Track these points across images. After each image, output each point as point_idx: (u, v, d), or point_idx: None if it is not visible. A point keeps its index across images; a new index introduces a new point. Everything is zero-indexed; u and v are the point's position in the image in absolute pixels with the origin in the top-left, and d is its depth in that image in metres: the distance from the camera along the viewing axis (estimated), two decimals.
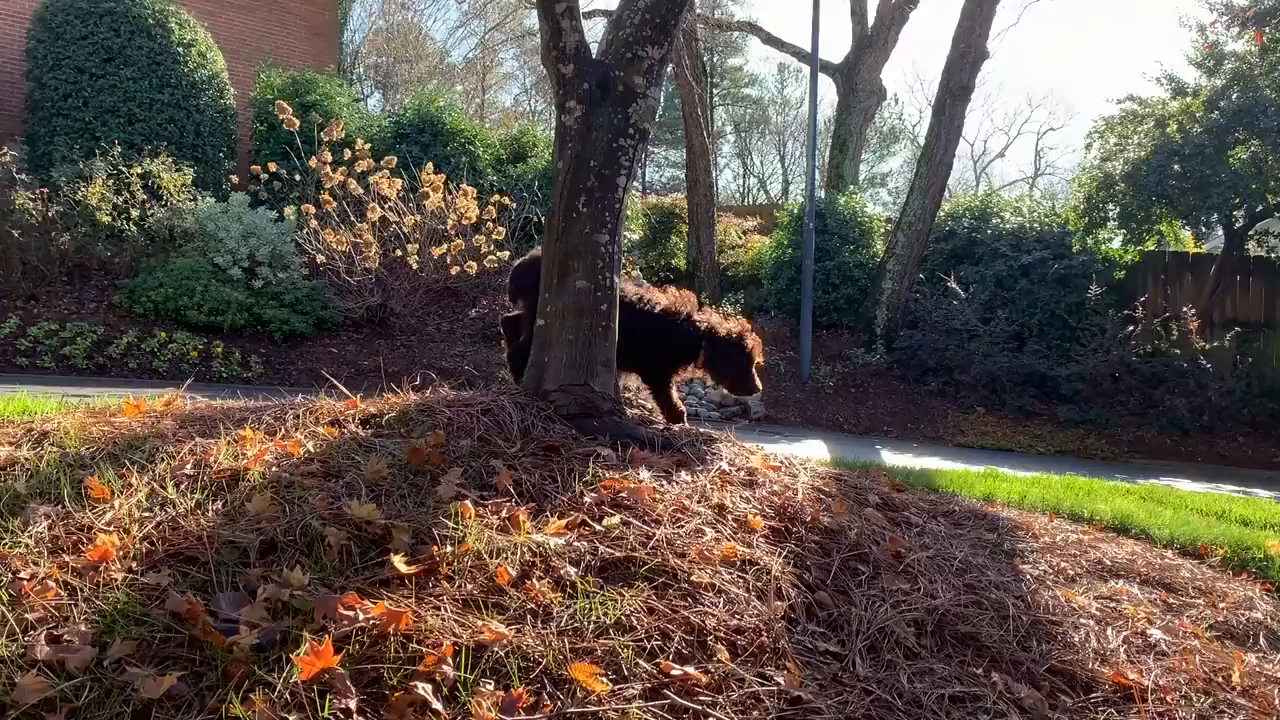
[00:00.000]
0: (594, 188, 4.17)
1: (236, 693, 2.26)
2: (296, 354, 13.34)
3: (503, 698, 2.42)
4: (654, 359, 5.17)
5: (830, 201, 18.78)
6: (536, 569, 3.01)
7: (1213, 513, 6.79)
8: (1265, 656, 3.94)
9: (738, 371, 5.26)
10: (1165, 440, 14.10)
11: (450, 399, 4.06)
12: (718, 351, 5.13)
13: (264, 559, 2.79)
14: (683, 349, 5.17)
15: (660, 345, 5.11)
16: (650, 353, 5.10)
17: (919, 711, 2.84)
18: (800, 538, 3.73)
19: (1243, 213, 15.51)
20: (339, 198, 13.04)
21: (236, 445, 3.44)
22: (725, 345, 5.15)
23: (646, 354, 5.09)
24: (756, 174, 51.45)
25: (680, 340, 5.13)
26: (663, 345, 5.12)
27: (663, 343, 5.10)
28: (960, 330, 15.44)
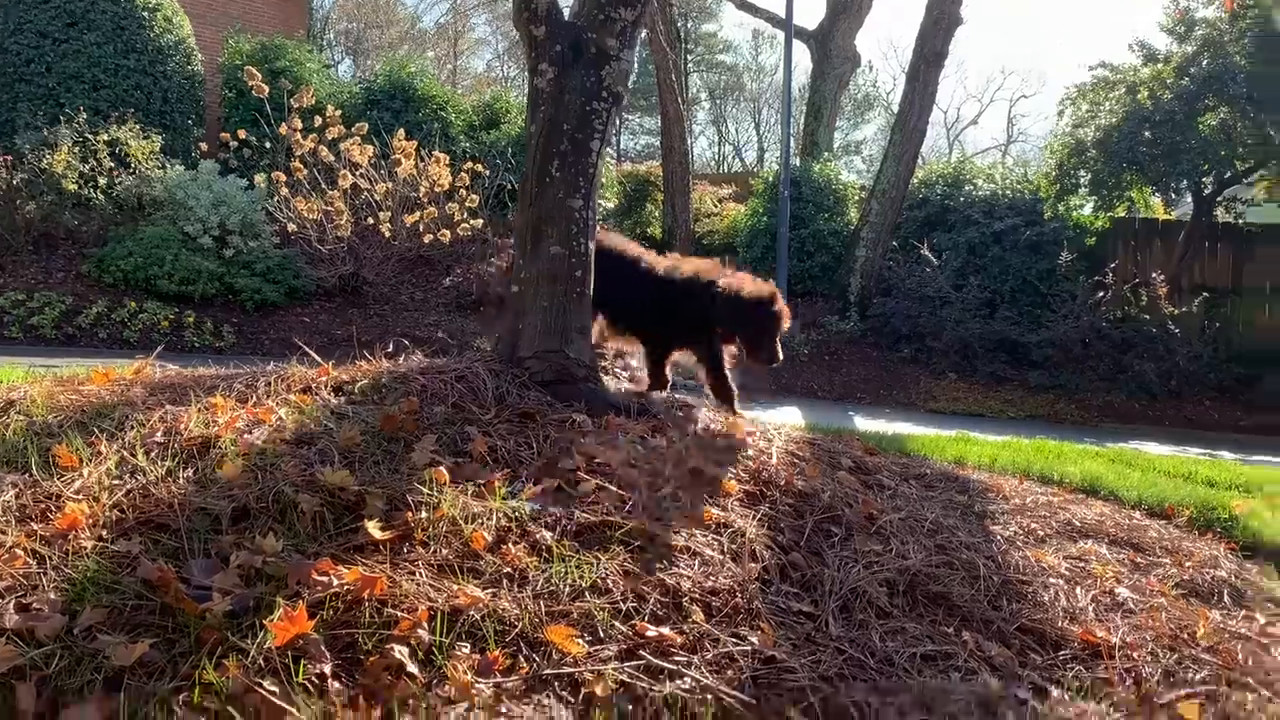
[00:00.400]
0: (567, 152, 4.14)
1: (210, 659, 2.26)
2: (269, 323, 13.23)
3: (479, 660, 2.43)
4: (696, 333, 5.06)
5: (805, 169, 18.75)
6: (512, 534, 3.01)
7: (1180, 475, 6.89)
8: (1229, 613, 4.02)
9: (755, 337, 5.05)
10: (1134, 405, 14.25)
11: (424, 366, 4.04)
12: (740, 315, 4.93)
13: (236, 526, 2.78)
14: (707, 315, 5.00)
15: (693, 316, 4.98)
16: (686, 326, 5.01)
17: (891, 670, 2.88)
18: (774, 501, 3.75)
19: (1212, 179, 15.62)
20: (310, 165, 12.89)
21: (208, 413, 3.41)
22: (747, 307, 4.92)
23: (689, 328, 5.01)
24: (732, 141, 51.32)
25: (704, 307, 4.95)
26: (695, 315, 4.98)
27: (695, 313, 4.97)
28: (933, 297, 15.51)
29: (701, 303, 4.92)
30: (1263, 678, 3.43)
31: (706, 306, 4.93)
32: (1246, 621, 3.96)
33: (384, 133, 13.88)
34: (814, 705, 2.61)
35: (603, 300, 4.80)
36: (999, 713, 2.77)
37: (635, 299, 5.04)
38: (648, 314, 5.11)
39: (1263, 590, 4.40)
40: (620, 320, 5.27)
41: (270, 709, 2.16)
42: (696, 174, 25.43)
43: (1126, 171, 15.25)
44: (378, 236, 13.83)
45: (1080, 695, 3.06)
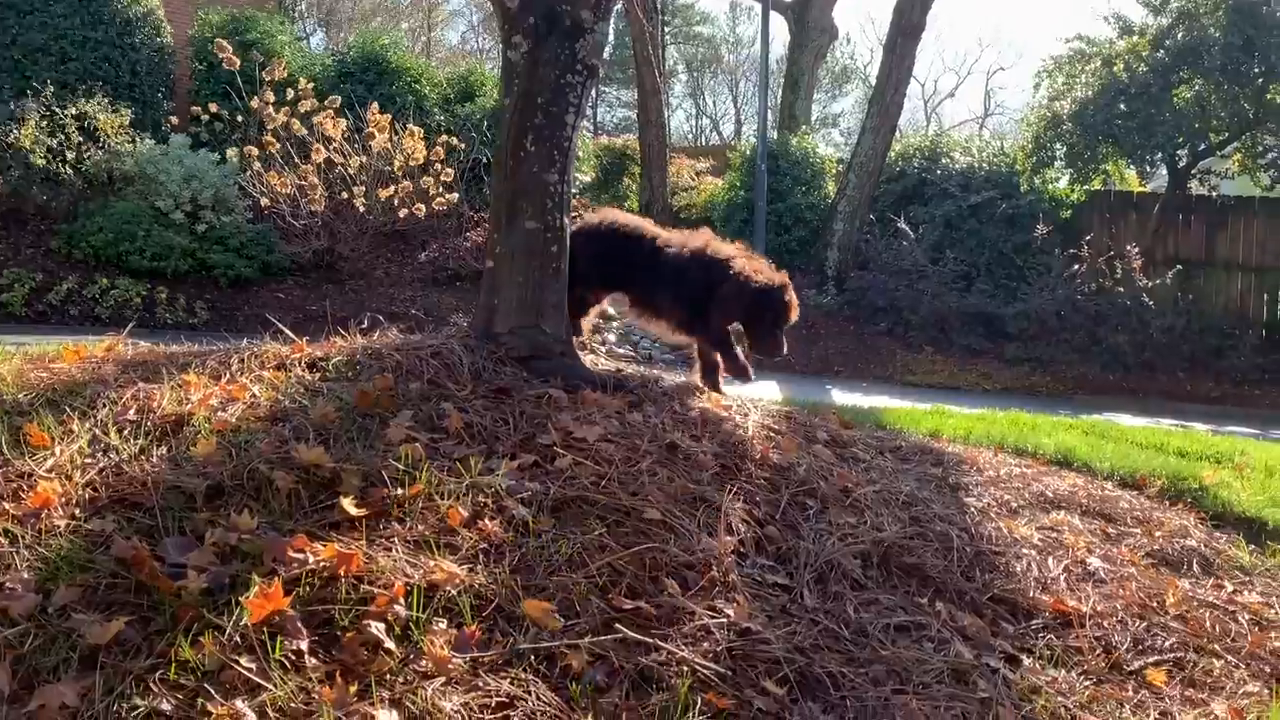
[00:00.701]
0: (542, 126, 4.11)
1: (185, 636, 2.25)
2: (243, 299, 13.13)
3: (455, 635, 2.44)
4: (702, 312, 4.81)
5: (783, 142, 18.71)
6: (488, 509, 3.02)
7: (1152, 446, 6.97)
8: (1198, 582, 4.08)
9: (760, 325, 4.80)
10: (1108, 376, 14.39)
11: (399, 342, 4.02)
12: (746, 301, 4.68)
13: (211, 504, 2.77)
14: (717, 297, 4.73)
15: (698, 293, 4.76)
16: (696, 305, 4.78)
17: (865, 640, 2.91)
18: (750, 474, 3.77)
19: (1186, 152, 15.72)
20: (282, 139, 12.74)
21: (181, 390, 3.38)
22: (755, 293, 4.66)
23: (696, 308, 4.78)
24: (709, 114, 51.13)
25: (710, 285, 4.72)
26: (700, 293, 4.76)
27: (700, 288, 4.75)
28: (910, 271, 15.56)
29: (709, 279, 4.72)
30: (1229, 644, 3.49)
31: (714, 285, 4.72)
32: (1215, 590, 4.03)
33: (357, 106, 13.73)
34: (789, 676, 2.64)
35: (627, 280, 4.90)
36: (971, 682, 2.81)
37: (653, 278, 4.88)
38: (666, 293, 4.89)
39: (1231, 559, 4.48)
40: (644, 301, 5.08)
41: (247, 685, 2.17)
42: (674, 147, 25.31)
43: (1102, 144, 15.32)
44: (352, 211, 13.71)
45: (1051, 663, 3.11)
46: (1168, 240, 16.31)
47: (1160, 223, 16.10)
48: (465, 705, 2.21)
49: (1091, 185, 16.32)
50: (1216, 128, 15.07)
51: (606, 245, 4.98)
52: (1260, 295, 16.06)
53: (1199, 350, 14.89)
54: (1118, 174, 16.72)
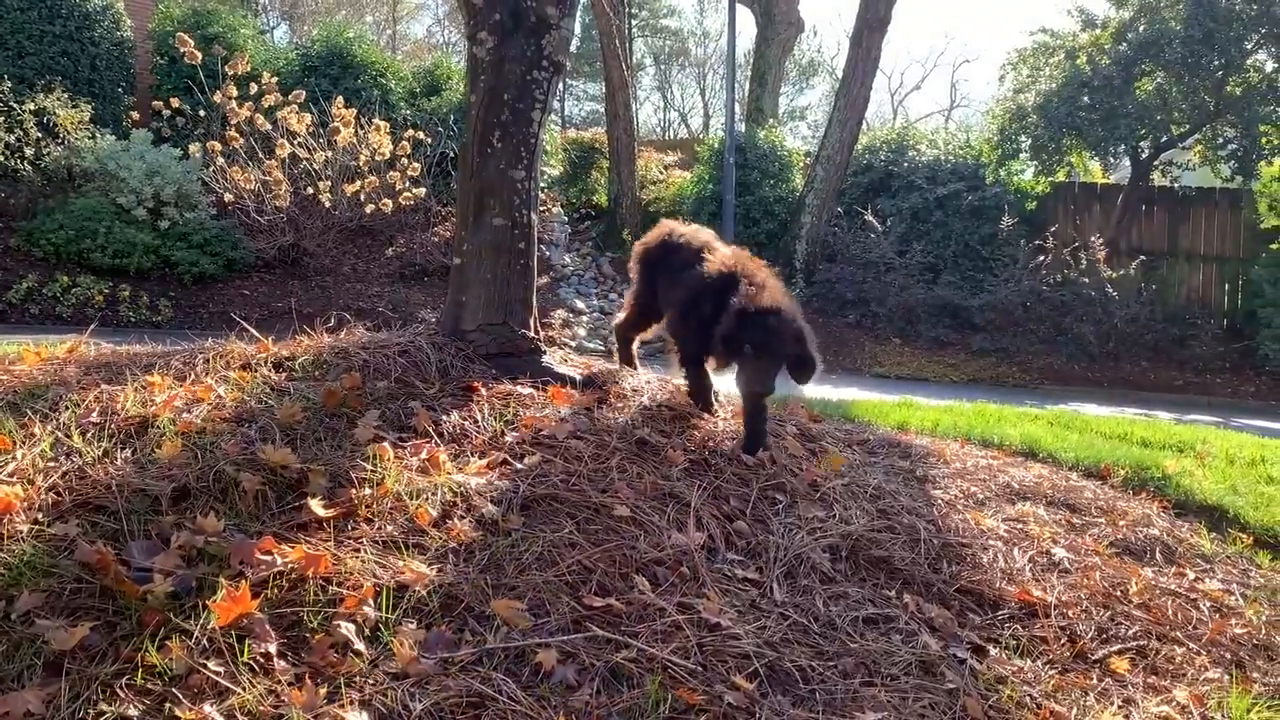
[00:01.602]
0: (508, 122, 4.09)
1: (152, 641, 2.24)
2: (207, 296, 12.99)
3: (425, 636, 2.44)
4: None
5: (750, 136, 18.75)
6: (458, 509, 3.01)
7: (1116, 435, 7.06)
8: (1160, 570, 4.14)
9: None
10: (1073, 367, 14.56)
11: (365, 340, 4.00)
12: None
13: (177, 506, 2.74)
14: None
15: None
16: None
17: (834, 634, 2.94)
18: (720, 470, 3.78)
19: (1148, 143, 15.91)
20: (246, 134, 12.61)
21: (144, 392, 3.35)
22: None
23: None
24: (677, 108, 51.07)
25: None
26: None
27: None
28: (877, 263, 15.66)
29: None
30: (1191, 632, 3.55)
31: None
32: (1177, 578, 4.09)
33: (322, 100, 13.62)
34: (759, 670, 2.66)
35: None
36: (939, 673, 2.84)
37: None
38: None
39: (1193, 547, 4.54)
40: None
41: (215, 689, 2.15)
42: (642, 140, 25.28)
43: (1066, 136, 15.48)
44: (318, 206, 13.60)
45: (1017, 653, 3.15)
46: (1131, 231, 16.52)
47: (1123, 214, 16.30)
48: (435, 705, 2.20)
49: (1056, 177, 16.50)
50: (1178, 120, 15.26)
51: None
52: (1221, 285, 16.31)
53: (1162, 340, 15.10)
54: (1082, 166, 16.91)
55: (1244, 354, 14.88)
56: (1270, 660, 3.45)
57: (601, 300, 15.61)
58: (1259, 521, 4.96)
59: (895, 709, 2.60)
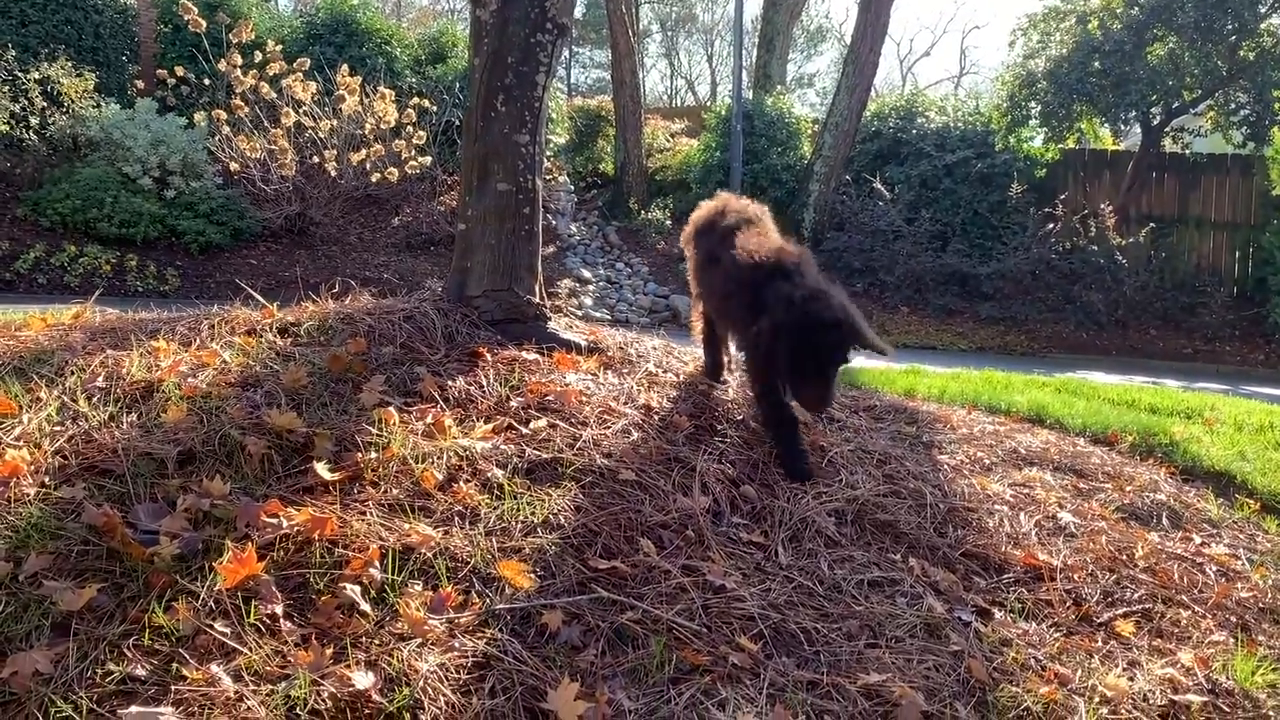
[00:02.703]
0: (512, 86, 4.06)
1: (159, 602, 2.25)
2: (214, 266, 12.98)
3: (431, 597, 2.45)
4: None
5: (758, 103, 18.61)
6: (463, 472, 3.02)
7: (1123, 402, 7.03)
8: (1167, 535, 4.14)
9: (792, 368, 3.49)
10: (1082, 334, 14.51)
11: (371, 306, 3.99)
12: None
13: (182, 470, 2.75)
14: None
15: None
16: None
17: (839, 596, 2.94)
18: (725, 435, 3.78)
19: (1159, 109, 15.75)
20: (251, 102, 12.54)
21: (150, 357, 3.35)
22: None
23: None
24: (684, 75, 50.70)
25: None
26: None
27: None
28: (885, 231, 15.58)
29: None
30: (1196, 595, 3.55)
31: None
32: (1183, 542, 4.09)
33: (327, 68, 13.53)
34: (763, 632, 2.67)
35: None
36: (943, 635, 2.84)
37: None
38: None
39: (1199, 512, 4.53)
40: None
41: (222, 649, 2.17)
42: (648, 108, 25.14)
43: (1076, 102, 15.33)
44: (323, 175, 13.55)
45: (1022, 616, 3.16)
46: (1141, 198, 16.40)
47: (1134, 181, 16.16)
48: (441, 666, 2.21)
49: (1066, 144, 16.36)
50: (1189, 85, 15.10)
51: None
52: (1232, 252, 16.20)
53: (1171, 307, 15.03)
54: (1092, 132, 16.75)
55: (1254, 322, 14.81)
56: (1276, 624, 3.45)
57: (608, 270, 15.56)
58: (1266, 487, 4.94)
59: (899, 670, 2.61)
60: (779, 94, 19.57)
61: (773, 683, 2.47)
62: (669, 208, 17.81)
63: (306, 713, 2.03)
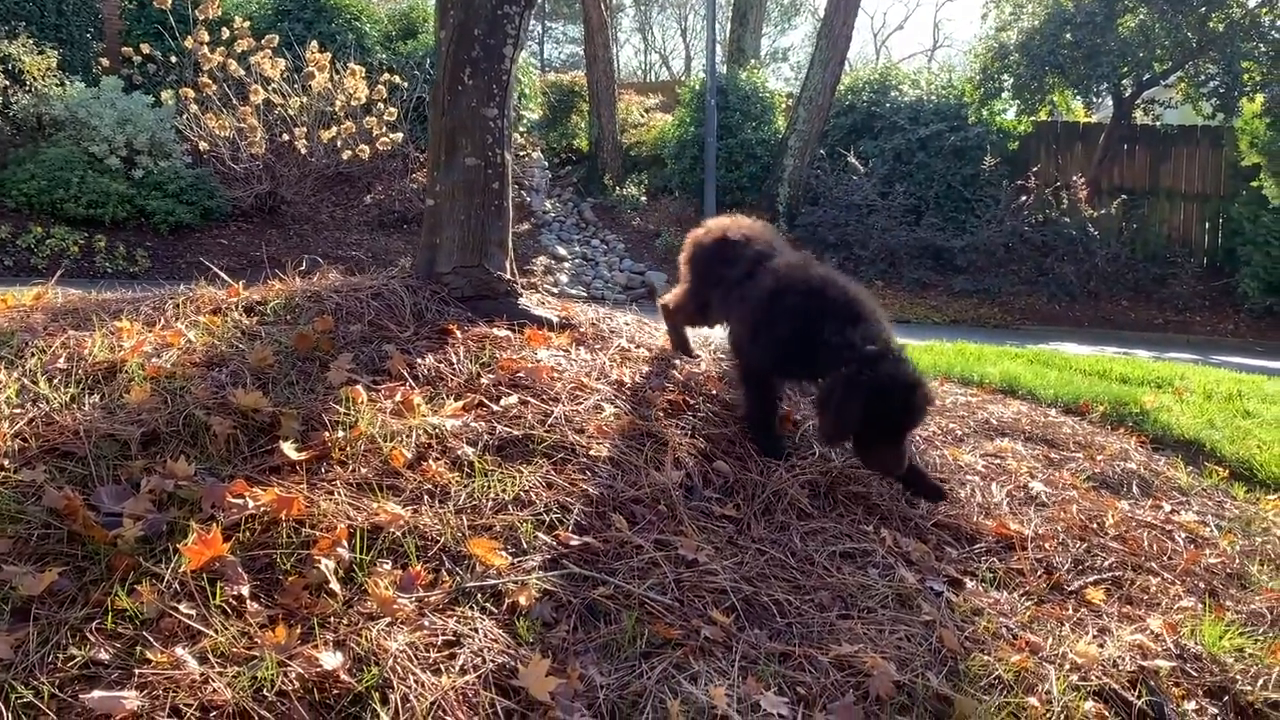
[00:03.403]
0: (479, 58, 4.00)
1: (122, 585, 2.22)
2: (184, 246, 12.83)
3: (400, 576, 2.43)
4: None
5: (732, 77, 18.53)
6: (433, 450, 2.99)
7: (1095, 372, 7.08)
8: (1137, 503, 4.17)
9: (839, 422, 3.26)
10: (1055, 306, 14.60)
11: (338, 284, 3.94)
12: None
13: (146, 451, 2.71)
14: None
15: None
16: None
17: (811, 568, 2.94)
18: (699, 410, 3.77)
19: (1130, 81, 15.81)
20: (219, 80, 12.35)
21: (113, 337, 3.30)
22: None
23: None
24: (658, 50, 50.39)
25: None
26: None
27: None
28: (860, 205, 15.58)
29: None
30: (1165, 562, 3.58)
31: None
32: (1153, 510, 4.12)
33: (296, 45, 13.34)
34: (736, 605, 2.67)
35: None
36: (915, 605, 2.85)
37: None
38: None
39: (1169, 480, 4.58)
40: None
41: (187, 632, 2.14)
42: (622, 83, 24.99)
43: (1048, 74, 15.36)
44: (294, 154, 13.39)
45: (994, 585, 3.17)
46: (1113, 170, 16.48)
47: (1105, 153, 16.24)
48: (411, 645, 2.20)
49: (1038, 116, 16.41)
50: (1160, 57, 15.15)
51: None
52: (1202, 223, 16.33)
53: (1142, 279, 15.14)
54: (1064, 104, 16.80)
55: (1223, 292, 14.95)
56: (1243, 589, 3.49)
57: (584, 246, 15.50)
58: (1235, 455, 5.00)
59: (871, 641, 2.61)
60: (753, 68, 19.49)
61: (745, 655, 2.47)
62: (644, 184, 17.75)
63: (274, 694, 2.01)
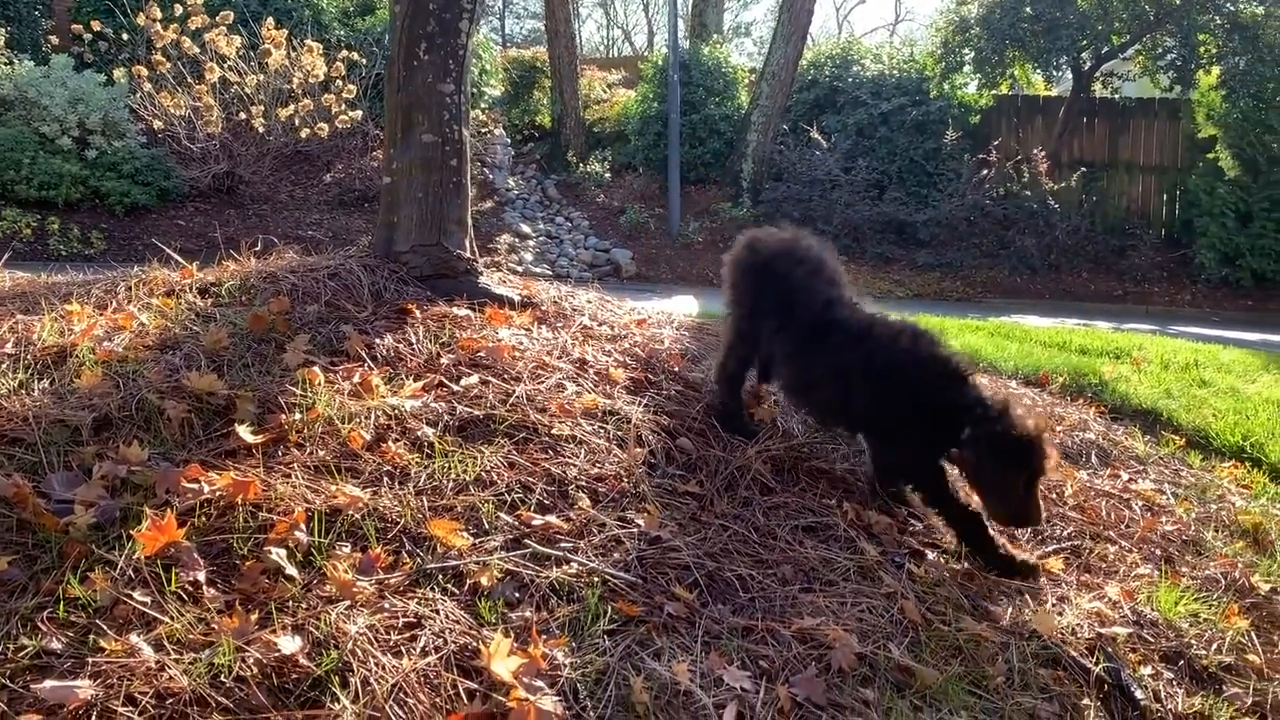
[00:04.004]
0: (434, 33, 3.95)
1: (74, 573, 2.18)
2: (141, 227, 12.61)
3: (360, 559, 2.41)
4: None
5: (694, 52, 18.42)
6: (392, 432, 2.96)
7: (1055, 344, 7.15)
8: (1096, 473, 4.23)
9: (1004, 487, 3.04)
10: (1016, 279, 14.71)
11: (295, 264, 3.89)
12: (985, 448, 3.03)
13: (98, 437, 2.66)
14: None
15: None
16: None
17: (774, 543, 2.95)
18: (662, 387, 3.77)
19: (1089, 54, 15.89)
20: (173, 58, 12.12)
21: (63, 321, 3.23)
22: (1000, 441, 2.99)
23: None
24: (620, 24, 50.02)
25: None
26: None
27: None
28: (823, 180, 15.59)
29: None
30: (1123, 531, 3.63)
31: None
32: (1111, 479, 4.18)
33: (251, 22, 13.11)
34: (699, 581, 2.67)
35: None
36: (876, 577, 2.87)
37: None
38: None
39: (1127, 449, 4.63)
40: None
41: (142, 619, 2.11)
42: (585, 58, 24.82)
43: (1009, 48, 15.41)
44: (251, 133, 13.17)
45: (955, 557, 3.20)
46: (1073, 143, 16.59)
47: (1065, 126, 16.34)
48: (371, 628, 2.18)
49: (999, 90, 16.46)
50: (1118, 30, 15.23)
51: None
52: (1160, 195, 16.48)
53: (1102, 251, 15.29)
54: (1025, 78, 16.87)
55: (1180, 263, 15.12)
56: (1199, 555, 3.54)
57: (548, 224, 15.41)
58: (1191, 423, 5.07)
59: (834, 613, 2.63)
60: (715, 43, 19.39)
61: (708, 630, 2.48)
62: (608, 160, 17.65)
63: (231, 680, 1.99)
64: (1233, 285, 14.26)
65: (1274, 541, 3.75)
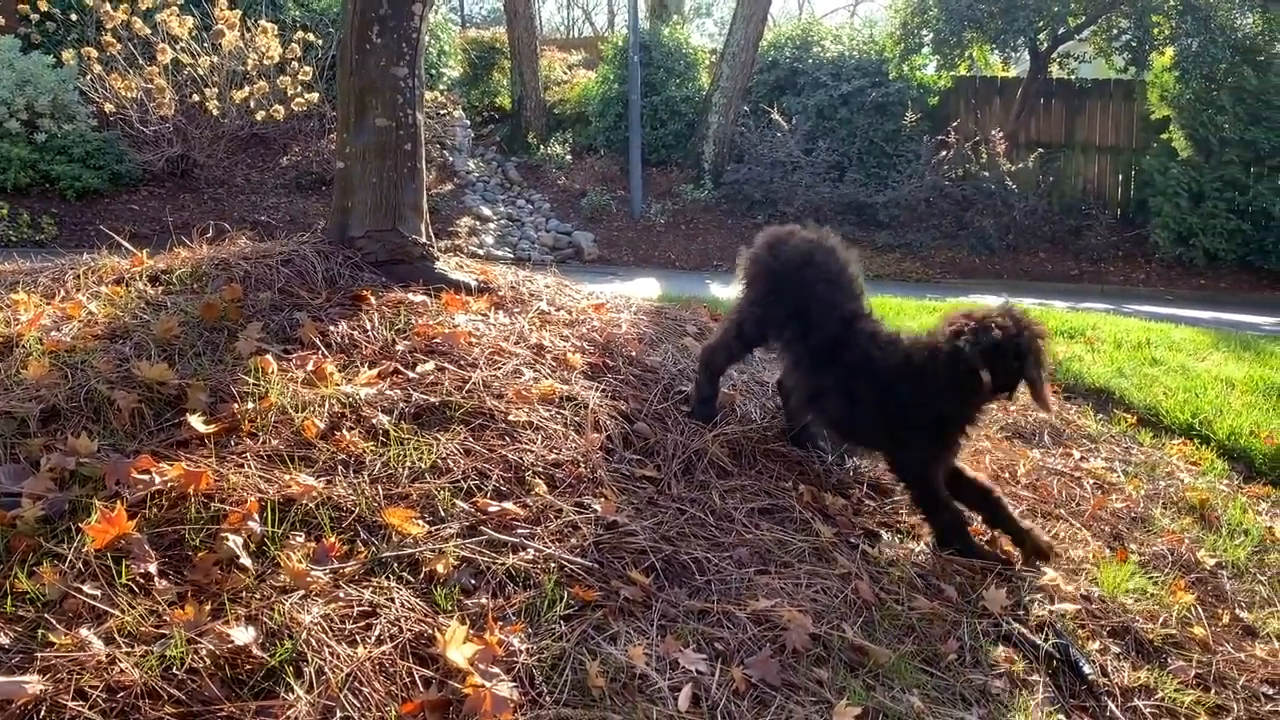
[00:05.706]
0: (387, 15, 3.90)
1: (22, 567, 2.16)
2: (94, 213, 12.39)
3: (314, 548, 2.40)
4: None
5: (655, 33, 18.35)
6: (347, 420, 2.95)
7: None
8: (1048, 452, 4.29)
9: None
10: (975, 260, 14.84)
11: (247, 251, 3.84)
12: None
13: (46, 428, 2.63)
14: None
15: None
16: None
17: (730, 526, 2.98)
18: (620, 372, 3.77)
19: (1046, 36, 16.01)
20: (124, 39, 11.88)
21: (9, 311, 3.19)
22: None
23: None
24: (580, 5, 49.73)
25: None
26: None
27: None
28: (784, 162, 15.62)
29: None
30: (1074, 509, 3.70)
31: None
32: (1063, 458, 4.25)
33: (204, 2, 12.88)
34: (655, 565, 2.69)
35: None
36: (831, 558, 2.91)
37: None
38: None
39: (1079, 429, 4.71)
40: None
41: (93, 613, 2.09)
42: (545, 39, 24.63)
43: (967, 29, 15.50)
44: (205, 115, 12.96)
45: (909, 537, 3.24)
46: (1030, 124, 16.73)
47: (1023, 107, 16.47)
48: (325, 617, 2.18)
49: (958, 71, 16.55)
50: (1074, 11, 15.36)
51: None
52: (1116, 175, 16.69)
53: (1059, 231, 15.47)
54: (983, 59, 16.97)
55: (1135, 242, 15.33)
56: (1147, 532, 3.62)
57: (509, 207, 15.32)
58: (1142, 401, 5.16)
59: (789, 595, 2.66)
60: (676, 24, 19.33)
61: (664, 614, 2.50)
62: (569, 142, 17.56)
63: (184, 672, 1.98)
64: (1186, 264, 14.47)
65: (1220, 517, 3.83)
